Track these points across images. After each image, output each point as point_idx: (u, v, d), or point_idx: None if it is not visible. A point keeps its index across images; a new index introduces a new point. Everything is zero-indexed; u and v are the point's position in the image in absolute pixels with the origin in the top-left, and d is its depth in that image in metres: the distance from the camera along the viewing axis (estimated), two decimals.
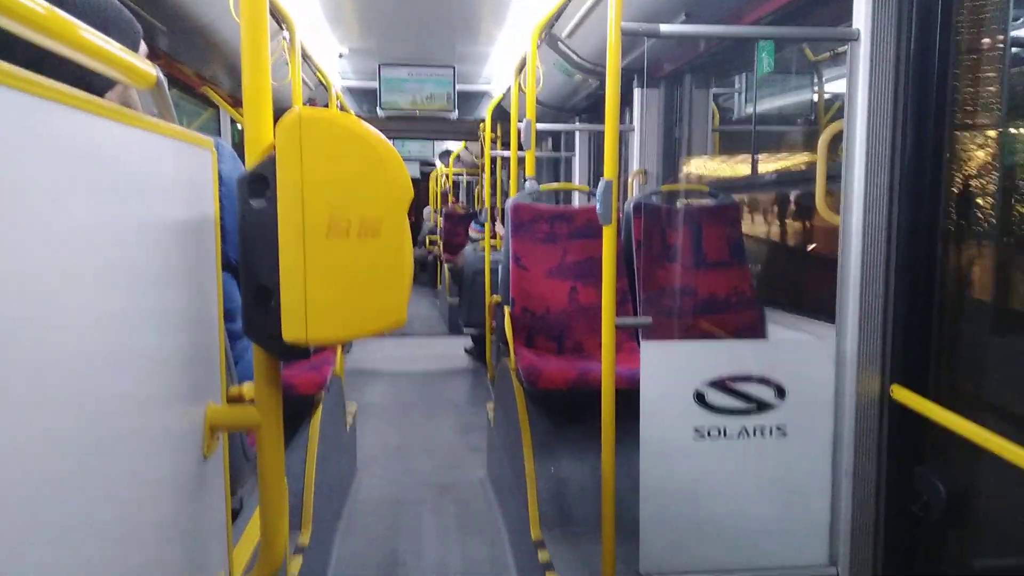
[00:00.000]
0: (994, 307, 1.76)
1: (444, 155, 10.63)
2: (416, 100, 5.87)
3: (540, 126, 3.44)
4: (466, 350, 6.07)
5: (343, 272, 0.76)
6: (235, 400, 0.97)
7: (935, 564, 1.72)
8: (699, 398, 1.79)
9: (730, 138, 3.88)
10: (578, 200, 5.46)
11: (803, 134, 3.21)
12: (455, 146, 9.95)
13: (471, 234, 6.53)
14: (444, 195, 10.88)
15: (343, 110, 5.10)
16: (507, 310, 2.90)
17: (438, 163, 11.56)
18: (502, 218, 3.70)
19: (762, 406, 1.81)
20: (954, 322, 1.75)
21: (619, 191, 1.89)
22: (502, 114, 4.96)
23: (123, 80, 0.75)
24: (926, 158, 1.67)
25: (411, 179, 0.79)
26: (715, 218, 2.99)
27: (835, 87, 2.95)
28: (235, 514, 1.38)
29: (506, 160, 5.30)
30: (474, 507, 3.05)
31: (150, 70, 0.78)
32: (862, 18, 1.69)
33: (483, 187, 6.62)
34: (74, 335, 0.56)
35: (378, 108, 5.83)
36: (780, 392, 1.81)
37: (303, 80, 3.44)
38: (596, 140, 5.30)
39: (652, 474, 1.79)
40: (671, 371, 1.78)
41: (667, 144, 3.79)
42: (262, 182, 0.77)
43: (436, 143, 11.12)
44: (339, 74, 6.05)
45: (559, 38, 3.45)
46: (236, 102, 3.90)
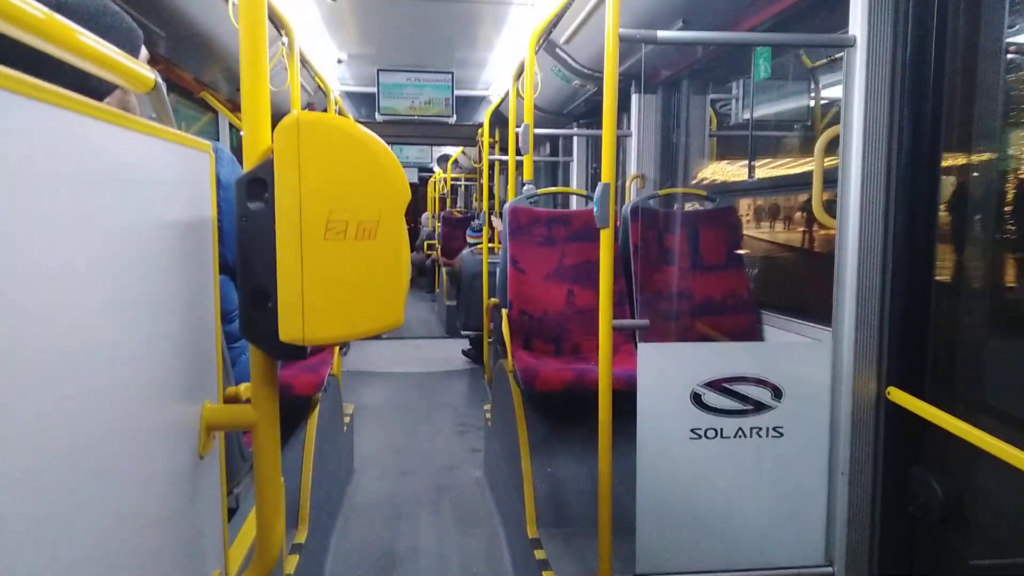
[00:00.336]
0: (989, 310, 1.78)
1: (442, 160, 10.65)
2: (414, 105, 5.89)
3: (538, 131, 3.45)
4: (464, 352, 6.07)
5: (340, 273, 0.76)
6: (232, 400, 0.98)
7: (931, 564, 1.73)
8: (696, 399, 1.79)
9: (728, 143, 3.89)
10: (575, 204, 5.47)
11: (800, 139, 3.22)
12: (453, 151, 9.97)
13: (468, 239, 6.54)
14: (442, 199, 10.90)
15: (341, 115, 5.12)
16: (505, 313, 2.91)
17: (436, 168, 11.57)
18: (499, 214, 3.71)
19: (759, 407, 1.81)
20: (950, 325, 1.76)
21: (616, 195, 1.89)
22: (500, 119, 4.97)
23: (122, 84, 0.76)
24: (922, 163, 1.68)
25: (409, 184, 0.80)
26: (712, 222, 3.00)
27: (832, 92, 2.97)
28: (231, 513, 1.39)
29: (504, 164, 5.32)
30: (471, 506, 3.06)
31: (148, 74, 0.79)
32: (858, 25, 1.70)
33: (481, 192, 6.63)
34: (72, 334, 0.57)
35: (376, 113, 5.85)
36: (777, 393, 1.82)
37: (302, 85, 3.45)
38: (594, 145, 5.31)
39: (648, 474, 1.80)
40: (668, 372, 1.79)
41: (664, 149, 3.81)
42: (260, 185, 0.77)
43: (434, 148, 11.14)
44: (338, 79, 6.07)
45: (557, 44, 3.47)
46: (235, 107, 3.91)
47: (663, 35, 1.77)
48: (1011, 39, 1.69)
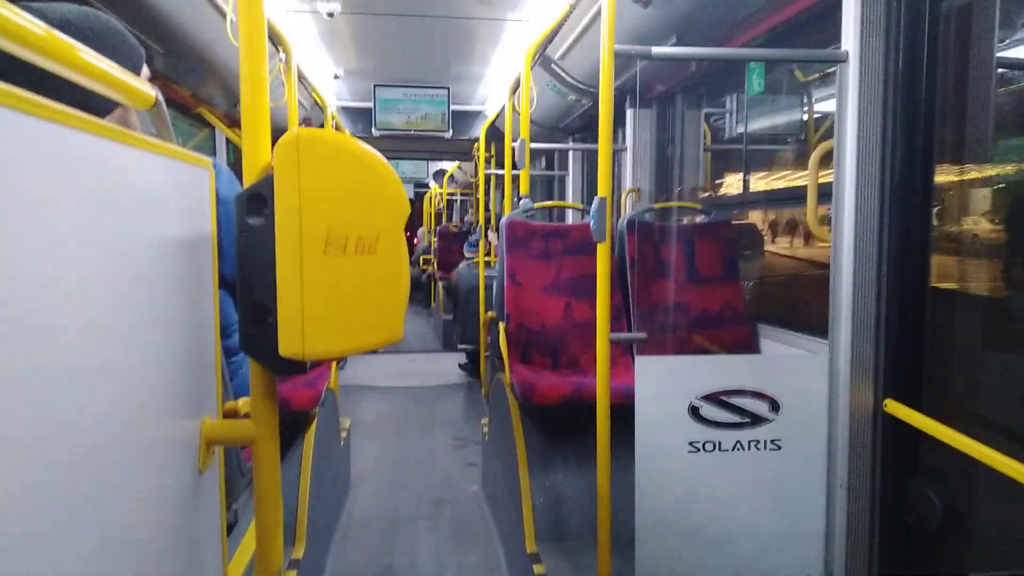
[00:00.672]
0: (985, 322, 1.79)
1: (439, 175, 10.69)
2: (411, 120, 5.91)
3: (534, 145, 3.47)
4: (460, 366, 6.06)
5: (340, 288, 0.77)
6: (231, 415, 0.98)
7: (930, 575, 1.72)
8: (694, 412, 1.79)
9: (724, 157, 3.91)
10: (572, 218, 5.49)
11: (795, 152, 3.24)
12: (449, 166, 10.00)
13: (466, 254, 6.55)
14: (439, 214, 10.92)
15: (338, 130, 5.14)
16: (502, 326, 2.91)
17: (432, 183, 11.61)
18: (496, 228, 3.72)
19: (756, 420, 1.82)
20: (946, 336, 1.77)
21: (612, 209, 1.90)
22: (496, 134, 5.00)
23: (122, 101, 0.77)
24: (915, 175, 1.70)
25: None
26: (708, 235, 3.01)
27: (825, 106, 2.99)
28: (230, 528, 1.38)
29: (500, 179, 5.33)
30: (469, 521, 3.04)
31: (149, 91, 0.80)
32: (851, 40, 1.72)
33: (477, 206, 6.64)
34: (71, 349, 0.57)
35: (373, 128, 5.87)
36: (774, 406, 1.82)
37: (299, 101, 3.47)
38: (589, 159, 5.34)
39: (647, 488, 1.79)
40: (666, 385, 1.79)
41: (659, 163, 3.83)
42: (260, 200, 0.78)
43: (431, 163, 11.16)
44: (334, 95, 6.09)
45: (552, 59, 3.49)
46: (232, 122, 3.93)
47: (657, 51, 1.79)
48: (1002, 53, 1.71)
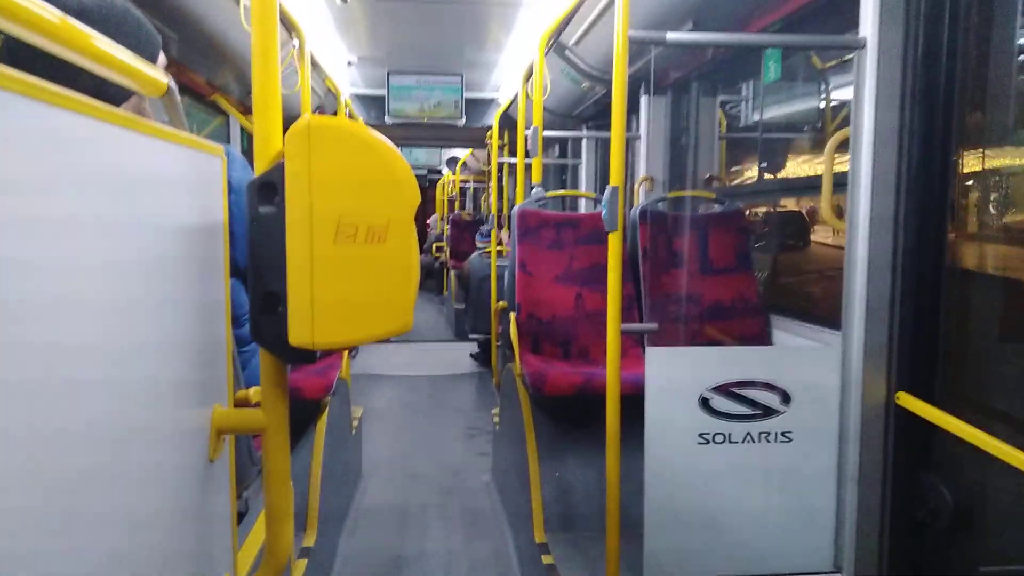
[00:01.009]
0: (1001, 314, 1.76)
1: (451, 162, 10.68)
2: (424, 108, 5.89)
3: (547, 133, 3.45)
4: (472, 355, 6.07)
5: (350, 277, 0.77)
6: (242, 403, 0.98)
7: (940, 571, 1.71)
8: (704, 403, 1.79)
9: (739, 145, 3.88)
10: (584, 207, 5.47)
11: (810, 141, 3.21)
12: (462, 153, 9.98)
13: (478, 244, 6.54)
14: (451, 202, 10.92)
15: (352, 118, 5.13)
16: (513, 316, 2.91)
17: (445, 170, 11.60)
18: (508, 226, 3.72)
19: (767, 412, 1.81)
20: (960, 329, 1.75)
21: (625, 198, 1.89)
22: (509, 121, 4.98)
23: (134, 88, 0.77)
24: (933, 164, 1.67)
25: (419, 187, 0.80)
26: (721, 225, 2.99)
27: (842, 95, 2.96)
28: (241, 516, 1.39)
29: (513, 167, 5.31)
30: (479, 511, 3.05)
31: (161, 78, 0.79)
32: (869, 26, 1.69)
33: (490, 194, 6.62)
34: (83, 337, 0.57)
35: (386, 115, 5.86)
36: (786, 398, 1.81)
37: (312, 88, 3.46)
38: (603, 147, 5.31)
39: (657, 479, 1.79)
40: (676, 376, 1.79)
41: (674, 151, 3.80)
42: (271, 189, 0.78)
43: (443, 150, 11.15)
44: (348, 82, 6.09)
45: (566, 46, 3.47)
46: (246, 110, 3.93)
47: (672, 37, 1.77)
48: None
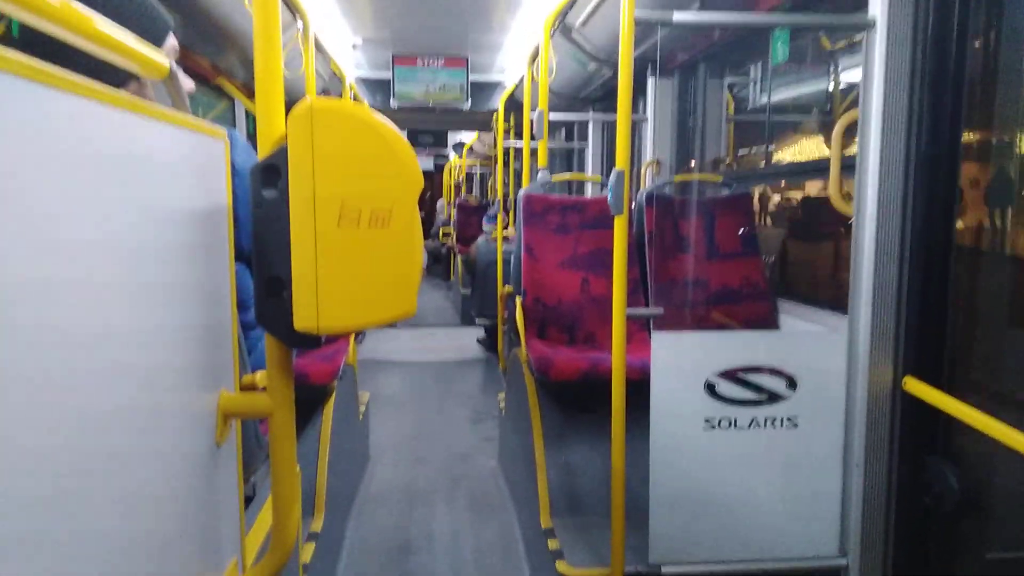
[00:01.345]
0: (1009, 298, 1.75)
1: (458, 147, 10.64)
2: (429, 91, 5.86)
3: (553, 116, 3.43)
4: (478, 340, 6.08)
5: (354, 262, 0.76)
6: (248, 388, 0.98)
7: (946, 556, 1.72)
8: (710, 389, 1.78)
9: (747, 127, 3.84)
10: (590, 191, 5.44)
11: (819, 123, 3.17)
12: (468, 137, 9.94)
13: (484, 228, 6.52)
14: (458, 186, 10.89)
15: (356, 101, 5.11)
16: (519, 301, 2.91)
17: (451, 154, 11.56)
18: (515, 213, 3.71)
19: (773, 397, 1.80)
20: (968, 313, 1.74)
21: (632, 181, 1.87)
22: (515, 104, 4.95)
23: (136, 71, 0.76)
24: (942, 147, 1.65)
25: (424, 171, 0.79)
26: (728, 209, 2.97)
27: (852, 76, 2.92)
28: (248, 500, 1.40)
29: (519, 151, 5.28)
30: (485, 495, 3.07)
31: (163, 61, 0.79)
32: (878, 5, 1.67)
33: (496, 178, 6.60)
34: (87, 322, 0.57)
35: (391, 99, 5.84)
36: (791, 383, 1.80)
37: (316, 71, 3.45)
38: (609, 130, 5.27)
39: (662, 464, 1.79)
40: (682, 361, 1.78)
41: (681, 134, 3.77)
42: (274, 172, 0.77)
43: (450, 134, 11.11)
44: (353, 65, 6.05)
45: (572, 27, 3.43)
46: (251, 93, 3.91)
47: (679, 17, 1.75)
48: None
